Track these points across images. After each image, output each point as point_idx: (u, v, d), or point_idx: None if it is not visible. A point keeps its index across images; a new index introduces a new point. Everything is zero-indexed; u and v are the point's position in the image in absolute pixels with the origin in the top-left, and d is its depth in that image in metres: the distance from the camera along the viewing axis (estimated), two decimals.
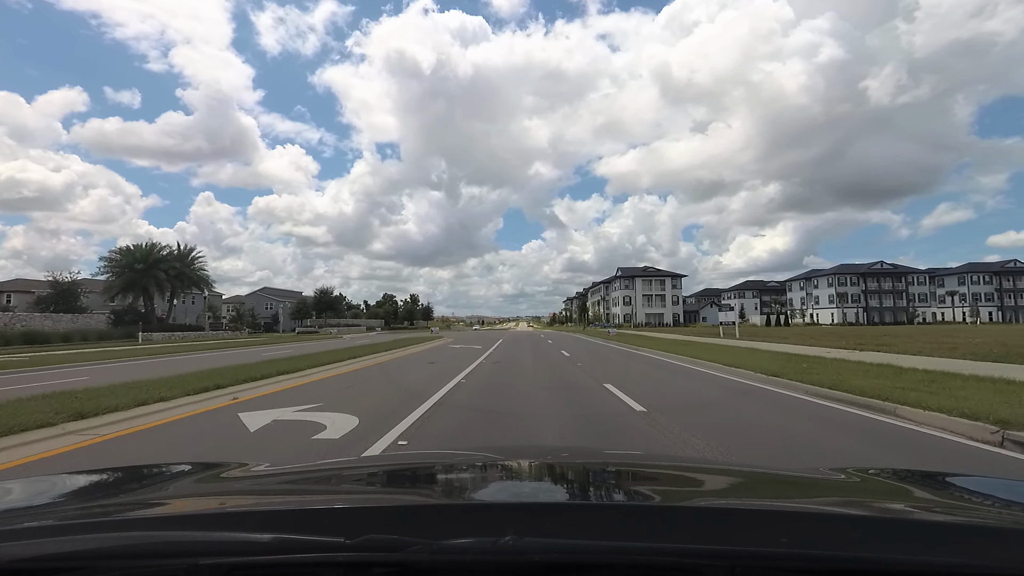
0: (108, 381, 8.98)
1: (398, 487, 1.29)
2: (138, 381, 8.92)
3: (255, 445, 5.03)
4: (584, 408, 7.21)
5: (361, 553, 0.67)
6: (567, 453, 2.19)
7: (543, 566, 0.65)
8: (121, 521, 0.86)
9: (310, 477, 1.40)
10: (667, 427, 5.71)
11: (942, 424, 5.60)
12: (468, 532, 0.70)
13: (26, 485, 1.29)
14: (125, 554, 0.70)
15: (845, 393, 7.52)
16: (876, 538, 0.71)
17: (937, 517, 0.93)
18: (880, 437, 5.34)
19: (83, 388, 8.00)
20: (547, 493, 1.18)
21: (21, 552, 0.69)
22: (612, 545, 0.70)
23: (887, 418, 6.23)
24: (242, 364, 13.34)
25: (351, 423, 5.93)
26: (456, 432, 5.69)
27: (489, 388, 9.54)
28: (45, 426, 5.41)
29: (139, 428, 5.84)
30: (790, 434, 5.51)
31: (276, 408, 7.04)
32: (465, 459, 1.71)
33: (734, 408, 7.34)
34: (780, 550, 0.68)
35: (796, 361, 12.64)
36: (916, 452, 4.73)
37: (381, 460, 3.26)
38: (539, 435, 5.46)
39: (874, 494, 1.19)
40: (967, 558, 0.67)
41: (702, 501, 1.09)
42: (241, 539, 0.72)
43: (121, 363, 16.69)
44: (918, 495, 1.19)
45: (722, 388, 9.43)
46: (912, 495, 1.20)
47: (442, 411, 6.87)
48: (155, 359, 18.66)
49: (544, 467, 1.47)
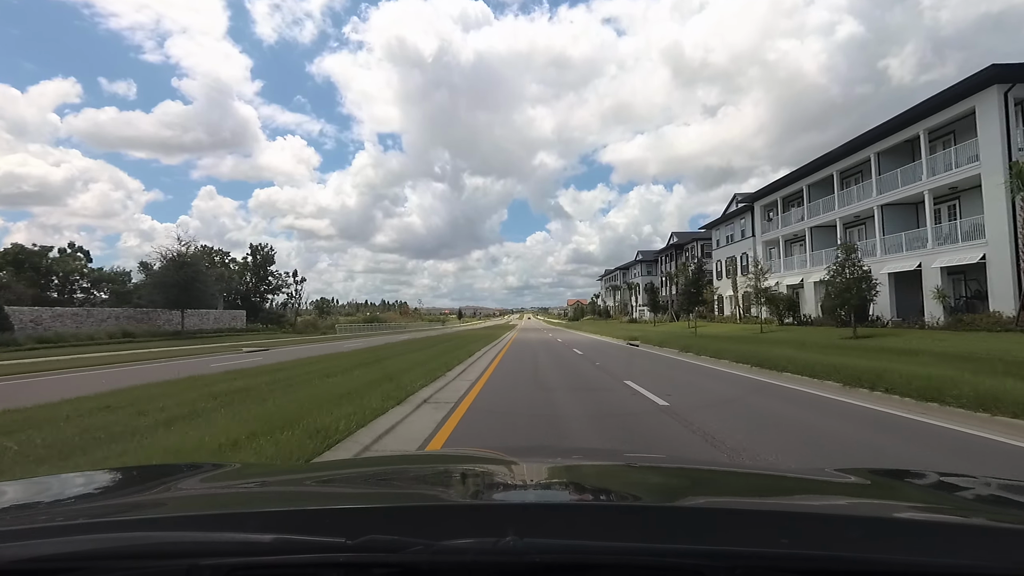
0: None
1: (399, 487, 1.28)
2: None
3: None
4: None
5: (362, 553, 0.66)
6: (575, 455, 2.16)
7: (544, 566, 0.65)
8: (121, 521, 0.86)
9: (310, 477, 1.41)
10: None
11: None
12: (469, 532, 0.69)
13: (26, 485, 1.32)
14: (125, 554, 0.70)
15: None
16: (877, 538, 0.70)
17: (938, 517, 0.93)
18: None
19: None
20: (548, 493, 1.18)
21: (21, 552, 0.69)
22: (613, 546, 0.69)
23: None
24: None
25: None
26: None
27: None
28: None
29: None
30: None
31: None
32: (467, 459, 1.74)
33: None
34: (781, 550, 0.68)
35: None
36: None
37: (382, 460, 3.15)
38: None
39: (875, 494, 1.19)
40: (967, 558, 0.67)
41: (703, 501, 1.06)
42: (241, 539, 0.72)
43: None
44: (919, 495, 1.21)
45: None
46: (913, 495, 1.22)
47: None
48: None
49: (546, 467, 1.49)
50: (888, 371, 8.51)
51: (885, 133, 23.67)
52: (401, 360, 15.10)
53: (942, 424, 5.83)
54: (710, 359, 14.61)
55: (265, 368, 13.67)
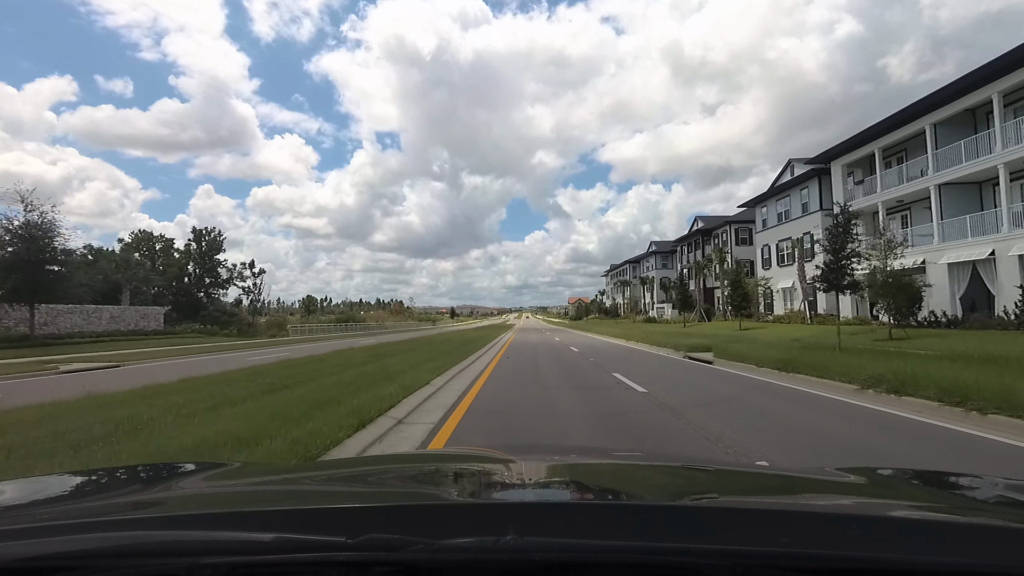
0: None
1: (399, 486, 1.26)
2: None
3: None
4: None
5: (362, 552, 0.66)
6: (575, 453, 2.22)
7: (544, 565, 0.64)
8: (121, 521, 0.86)
9: (311, 476, 1.42)
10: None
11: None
12: (469, 531, 0.69)
13: (26, 485, 1.32)
14: (125, 553, 0.70)
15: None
16: (877, 538, 0.70)
17: (938, 517, 0.93)
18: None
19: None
20: (548, 492, 1.17)
21: (21, 552, 0.68)
22: (613, 544, 0.69)
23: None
24: None
25: None
26: None
27: None
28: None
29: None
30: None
31: None
32: (467, 458, 1.74)
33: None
34: (781, 549, 0.67)
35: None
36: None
37: (382, 459, 3.04)
38: None
39: (876, 493, 1.19)
40: (968, 558, 0.66)
41: (704, 500, 1.04)
42: (242, 538, 0.71)
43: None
44: (920, 494, 1.21)
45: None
46: (913, 494, 1.22)
47: None
48: None
49: (546, 466, 1.47)
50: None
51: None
52: (278, 399, 7.17)
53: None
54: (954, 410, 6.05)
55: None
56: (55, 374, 13.93)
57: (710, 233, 51.20)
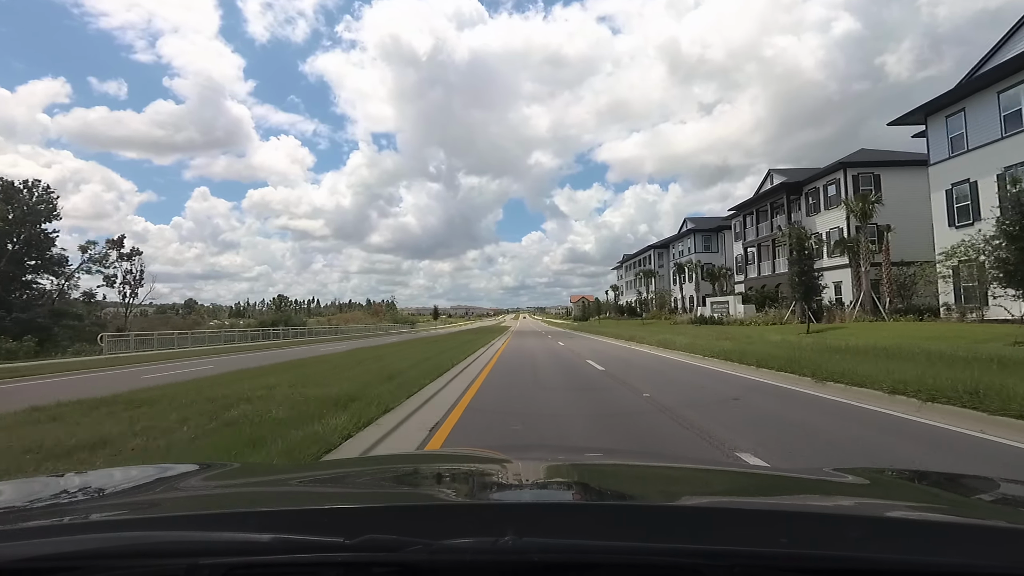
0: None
1: (398, 487, 1.26)
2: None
3: None
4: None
5: (361, 553, 0.66)
6: (574, 453, 2.23)
7: (543, 566, 0.64)
8: (120, 521, 0.86)
9: (310, 477, 1.41)
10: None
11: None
12: (468, 532, 0.68)
13: (25, 485, 1.34)
14: (125, 554, 0.70)
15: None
16: (876, 538, 0.69)
17: (938, 517, 0.92)
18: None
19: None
20: (547, 493, 1.16)
21: (21, 552, 0.68)
22: (612, 545, 0.69)
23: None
24: None
25: None
26: None
27: None
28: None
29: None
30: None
31: None
32: (466, 458, 1.72)
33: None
34: (780, 550, 0.67)
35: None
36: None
37: (381, 460, 3.06)
38: None
39: (875, 494, 1.17)
40: (967, 558, 0.66)
41: (702, 501, 1.05)
42: (241, 539, 0.71)
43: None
44: (919, 495, 1.21)
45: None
46: (913, 495, 1.21)
47: None
48: None
49: (545, 467, 1.46)
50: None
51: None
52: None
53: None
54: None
55: None
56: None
57: (800, 187, 33.46)
